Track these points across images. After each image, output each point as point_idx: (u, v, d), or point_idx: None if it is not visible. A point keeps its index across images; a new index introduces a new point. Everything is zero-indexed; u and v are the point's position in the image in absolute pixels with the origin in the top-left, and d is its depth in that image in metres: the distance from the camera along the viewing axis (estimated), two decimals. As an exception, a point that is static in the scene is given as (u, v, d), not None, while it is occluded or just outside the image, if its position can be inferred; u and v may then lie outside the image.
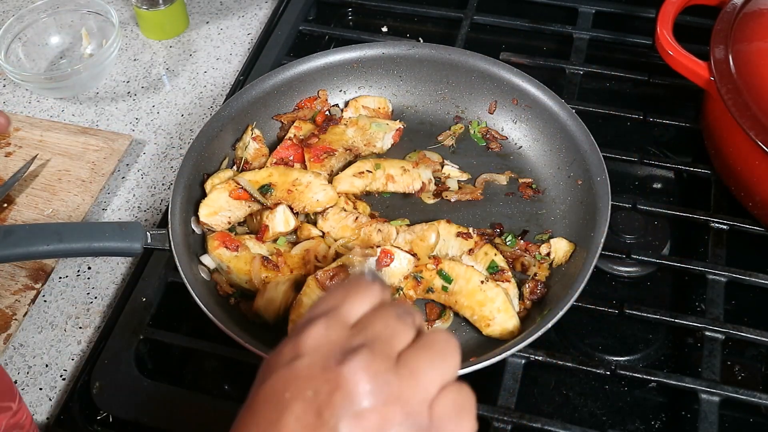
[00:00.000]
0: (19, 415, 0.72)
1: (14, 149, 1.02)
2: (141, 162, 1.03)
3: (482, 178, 0.94)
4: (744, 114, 0.81)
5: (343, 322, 0.50)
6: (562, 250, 0.84)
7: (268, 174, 0.89)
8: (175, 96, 1.10)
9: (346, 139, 0.94)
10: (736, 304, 0.87)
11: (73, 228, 0.80)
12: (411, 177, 0.91)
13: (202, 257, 0.84)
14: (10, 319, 0.86)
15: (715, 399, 0.76)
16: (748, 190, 0.87)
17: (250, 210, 0.88)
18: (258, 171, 0.89)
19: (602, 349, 0.85)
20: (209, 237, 0.85)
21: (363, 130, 0.95)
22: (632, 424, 0.81)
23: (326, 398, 0.46)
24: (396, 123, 0.97)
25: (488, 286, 0.80)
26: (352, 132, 0.95)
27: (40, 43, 1.13)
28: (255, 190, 0.87)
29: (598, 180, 0.85)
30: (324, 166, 0.91)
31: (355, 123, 0.96)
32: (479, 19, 1.13)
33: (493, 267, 0.83)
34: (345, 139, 0.94)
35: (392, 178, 0.91)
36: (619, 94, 1.09)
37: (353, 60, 0.99)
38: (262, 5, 1.22)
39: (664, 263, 0.87)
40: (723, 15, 0.90)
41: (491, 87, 0.97)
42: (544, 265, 0.84)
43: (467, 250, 0.85)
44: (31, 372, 0.84)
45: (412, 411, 0.47)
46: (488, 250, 0.85)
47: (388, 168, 0.91)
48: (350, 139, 0.95)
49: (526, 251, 0.86)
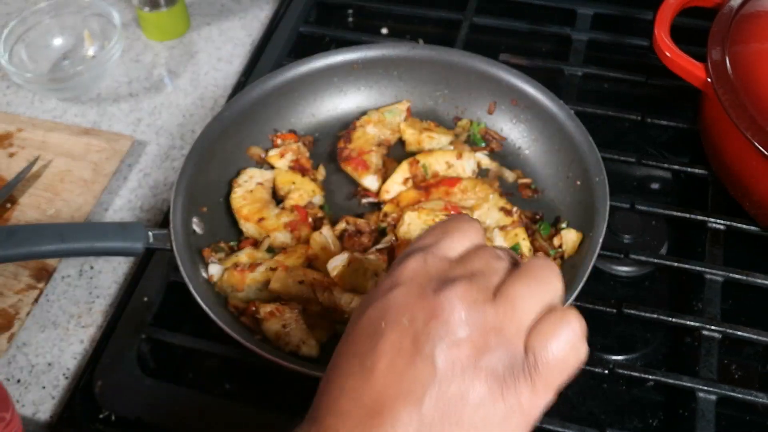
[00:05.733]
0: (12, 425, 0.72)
1: (17, 150, 1.03)
2: (143, 162, 1.03)
3: (494, 171, 0.94)
4: (741, 115, 0.82)
5: (441, 256, 0.50)
6: (571, 241, 0.85)
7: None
8: (176, 97, 1.11)
9: (372, 137, 0.96)
10: (733, 304, 0.87)
11: (75, 228, 0.80)
12: (455, 171, 0.93)
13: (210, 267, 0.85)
14: (13, 318, 0.86)
15: (712, 397, 0.77)
16: (745, 191, 0.87)
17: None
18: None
19: (600, 348, 0.86)
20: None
21: (381, 123, 0.97)
22: (630, 422, 0.81)
23: (422, 326, 0.46)
24: (404, 103, 0.99)
25: None
26: (373, 128, 0.96)
27: (43, 44, 1.14)
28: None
29: (596, 180, 0.85)
30: (369, 170, 0.93)
31: (368, 121, 0.97)
32: (479, 21, 1.14)
33: (515, 249, 0.84)
34: (371, 137, 0.96)
35: (438, 174, 0.93)
36: (617, 95, 1.10)
37: (353, 61, 0.99)
38: (263, 7, 1.23)
39: (662, 263, 0.87)
40: (720, 17, 0.91)
41: (490, 88, 0.97)
42: (557, 260, 0.85)
43: (502, 225, 0.86)
44: (33, 371, 0.84)
45: (507, 340, 0.46)
46: (519, 233, 0.86)
47: (434, 166, 0.93)
48: (375, 135, 0.96)
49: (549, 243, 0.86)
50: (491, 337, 0.46)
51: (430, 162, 0.93)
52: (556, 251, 0.85)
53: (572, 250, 0.84)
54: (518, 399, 0.45)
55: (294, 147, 0.96)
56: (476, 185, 0.91)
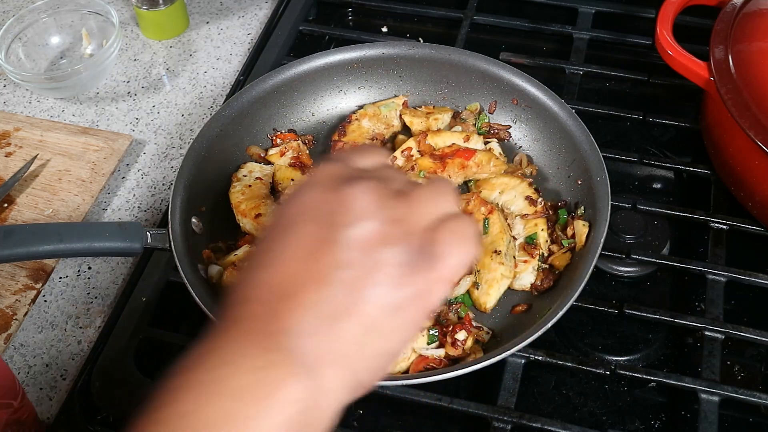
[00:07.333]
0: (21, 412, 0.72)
1: (14, 149, 1.02)
2: (141, 162, 1.03)
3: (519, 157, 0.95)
4: (743, 114, 0.81)
5: (350, 166, 0.54)
6: (579, 231, 0.85)
7: None
8: (175, 96, 1.10)
9: (366, 131, 0.96)
10: (735, 304, 0.87)
11: (73, 228, 0.80)
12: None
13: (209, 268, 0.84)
14: (11, 318, 0.86)
15: (714, 399, 0.76)
16: (748, 190, 0.87)
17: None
18: None
19: (602, 349, 0.85)
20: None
21: (376, 117, 0.97)
22: (632, 423, 0.81)
23: (332, 215, 0.49)
24: (400, 98, 0.99)
25: (499, 258, 0.82)
26: (368, 122, 0.97)
27: (41, 43, 1.13)
28: None
29: (597, 180, 0.85)
30: None
31: (364, 114, 0.98)
32: (479, 19, 1.13)
33: (531, 239, 0.85)
34: (365, 131, 0.96)
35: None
36: (618, 94, 1.09)
37: (353, 60, 0.99)
38: (262, 5, 1.22)
39: (664, 263, 0.87)
40: (723, 15, 0.90)
41: (491, 87, 0.97)
42: (567, 254, 0.84)
43: (524, 214, 0.87)
44: (31, 372, 0.84)
45: (410, 231, 0.49)
46: (540, 223, 0.86)
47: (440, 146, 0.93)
48: (370, 129, 0.96)
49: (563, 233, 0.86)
50: (396, 228, 0.49)
51: (436, 142, 0.93)
52: (569, 242, 0.85)
53: (581, 242, 0.84)
54: (418, 287, 0.48)
55: (294, 144, 0.95)
56: (491, 159, 0.91)
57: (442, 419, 0.81)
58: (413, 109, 0.99)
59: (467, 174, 0.92)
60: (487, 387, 0.80)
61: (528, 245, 0.85)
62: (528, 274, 0.84)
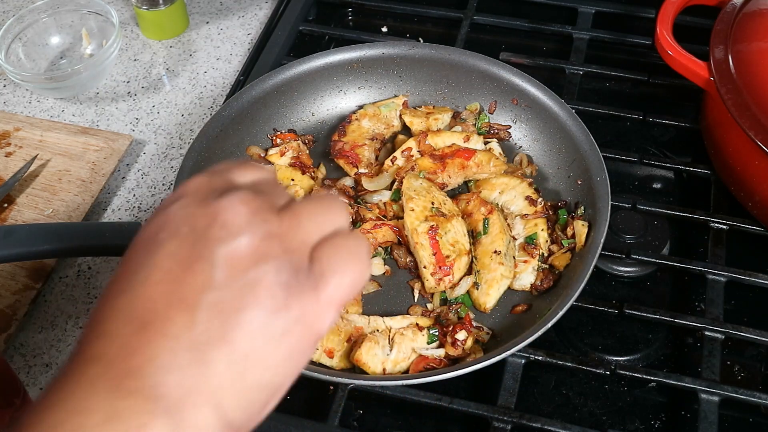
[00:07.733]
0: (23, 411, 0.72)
1: (14, 149, 1.02)
2: (141, 162, 1.03)
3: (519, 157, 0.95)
4: (743, 114, 0.81)
5: (226, 178, 0.47)
6: (579, 231, 0.85)
7: None
8: (175, 96, 1.10)
9: (366, 131, 0.96)
10: (735, 304, 0.87)
11: (73, 228, 0.80)
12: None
13: None
14: (11, 318, 0.86)
15: (714, 399, 0.76)
16: (748, 190, 0.87)
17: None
18: None
19: (602, 349, 0.85)
20: None
21: (376, 117, 0.97)
22: (632, 423, 0.81)
23: (201, 231, 0.43)
24: (400, 98, 0.99)
25: (499, 258, 0.83)
26: (367, 122, 0.97)
27: (41, 43, 1.13)
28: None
29: (597, 180, 0.85)
30: (362, 164, 0.94)
31: (364, 114, 0.98)
32: (479, 19, 1.13)
33: (531, 239, 0.85)
34: (365, 131, 0.96)
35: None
36: (618, 94, 1.09)
37: (353, 60, 0.99)
38: (262, 5, 1.22)
39: (664, 263, 0.87)
40: (723, 15, 0.90)
41: (491, 87, 0.97)
42: (567, 254, 0.84)
43: (524, 214, 0.87)
44: (31, 372, 0.84)
45: (291, 248, 0.44)
46: (540, 223, 0.87)
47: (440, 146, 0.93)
48: (369, 129, 0.96)
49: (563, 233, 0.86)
50: (273, 244, 0.43)
51: (436, 142, 0.93)
52: (569, 242, 0.85)
53: (581, 242, 0.84)
54: (302, 310, 0.43)
55: (294, 145, 0.95)
56: (491, 159, 0.91)
57: (442, 419, 0.81)
58: (413, 109, 0.99)
59: (467, 174, 0.92)
60: (487, 387, 0.80)
61: (528, 245, 0.85)
62: (528, 274, 0.84)
